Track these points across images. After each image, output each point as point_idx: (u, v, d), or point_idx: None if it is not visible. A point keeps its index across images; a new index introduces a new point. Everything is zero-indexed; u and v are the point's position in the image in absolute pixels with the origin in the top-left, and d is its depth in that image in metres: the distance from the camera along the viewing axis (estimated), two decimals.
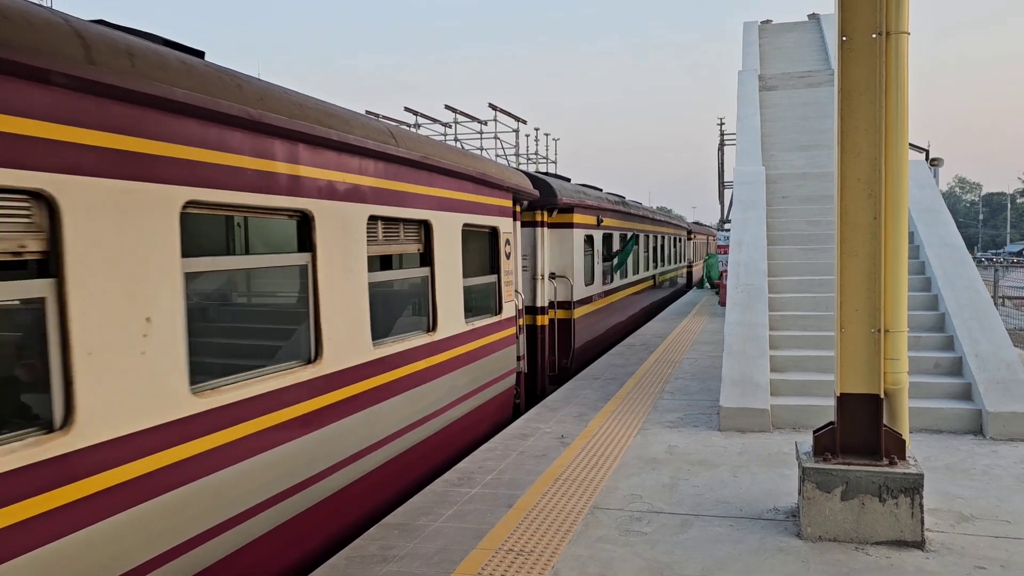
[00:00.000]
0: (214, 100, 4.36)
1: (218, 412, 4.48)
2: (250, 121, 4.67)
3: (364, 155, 6.08)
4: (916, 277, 10.32)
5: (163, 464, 4.02)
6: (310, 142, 5.38)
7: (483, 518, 5.73)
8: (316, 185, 5.47)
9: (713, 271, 28.43)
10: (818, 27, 25.36)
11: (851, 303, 5.37)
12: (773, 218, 12.58)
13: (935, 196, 12.13)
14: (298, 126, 5.15)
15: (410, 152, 6.71)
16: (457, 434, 7.93)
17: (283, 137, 5.10)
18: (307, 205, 5.34)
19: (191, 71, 4.35)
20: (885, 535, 5.14)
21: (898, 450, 5.30)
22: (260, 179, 4.88)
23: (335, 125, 5.67)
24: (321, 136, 5.42)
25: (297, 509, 5.21)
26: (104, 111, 3.73)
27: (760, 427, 8.09)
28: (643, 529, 5.48)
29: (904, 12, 5.25)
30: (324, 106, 5.77)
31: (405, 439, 6.70)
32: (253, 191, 4.81)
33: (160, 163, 4.06)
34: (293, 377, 5.15)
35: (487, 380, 8.76)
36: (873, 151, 5.28)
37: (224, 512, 4.49)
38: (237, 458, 4.61)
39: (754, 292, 10.00)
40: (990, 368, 8.21)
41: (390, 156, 6.39)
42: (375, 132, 6.32)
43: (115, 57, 3.77)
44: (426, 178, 7.17)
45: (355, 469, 5.91)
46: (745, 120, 17.19)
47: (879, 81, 5.25)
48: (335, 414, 5.62)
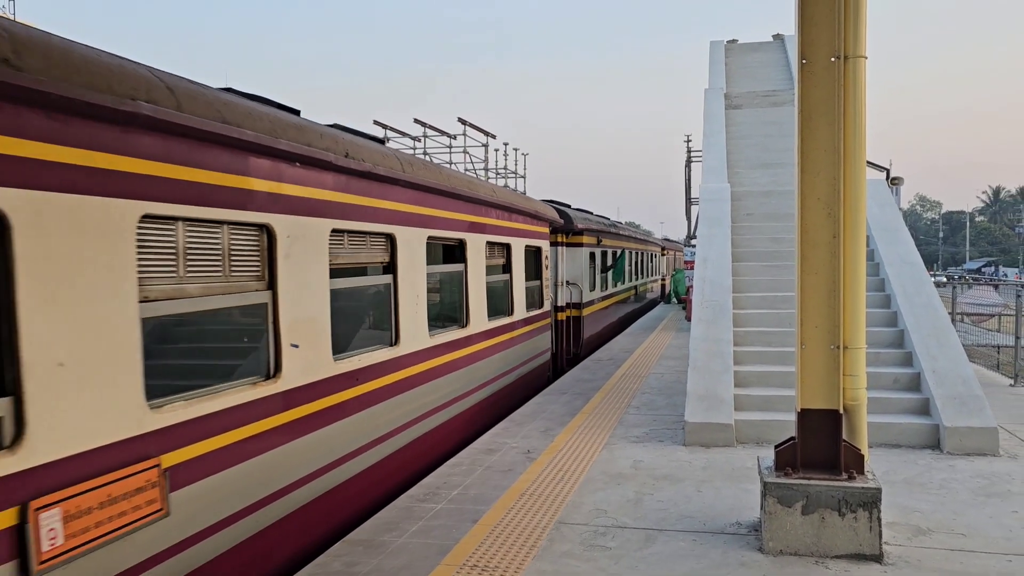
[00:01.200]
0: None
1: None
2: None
3: (484, 206, 10.10)
4: (876, 294, 10.53)
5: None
6: (465, 199, 8.99)
7: (448, 534, 5.72)
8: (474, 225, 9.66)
9: (680, 286, 28.69)
10: (782, 47, 25.85)
11: (811, 320, 5.47)
12: (738, 235, 12.76)
13: (895, 215, 12.39)
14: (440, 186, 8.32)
15: (505, 201, 10.83)
16: (520, 387, 11.81)
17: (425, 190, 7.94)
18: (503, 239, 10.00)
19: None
20: (844, 549, 5.22)
21: (857, 465, 5.40)
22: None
23: (477, 189, 9.53)
24: (470, 196, 9.28)
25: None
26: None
27: (724, 442, 8.18)
28: (608, 544, 5.51)
29: (862, 37, 5.39)
30: (455, 174, 9.21)
31: (500, 383, 10.62)
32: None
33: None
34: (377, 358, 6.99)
35: (538, 351, 12.91)
36: (832, 171, 5.40)
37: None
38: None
39: (719, 308, 10.13)
40: (947, 384, 8.38)
41: (497, 205, 10.50)
42: (490, 191, 10.33)
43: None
44: (507, 216, 11.19)
45: (460, 406, 9.00)
46: (711, 138, 17.43)
47: (838, 103, 5.37)
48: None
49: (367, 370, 6.75)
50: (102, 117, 3.88)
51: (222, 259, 4.97)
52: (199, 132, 4.57)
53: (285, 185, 5.56)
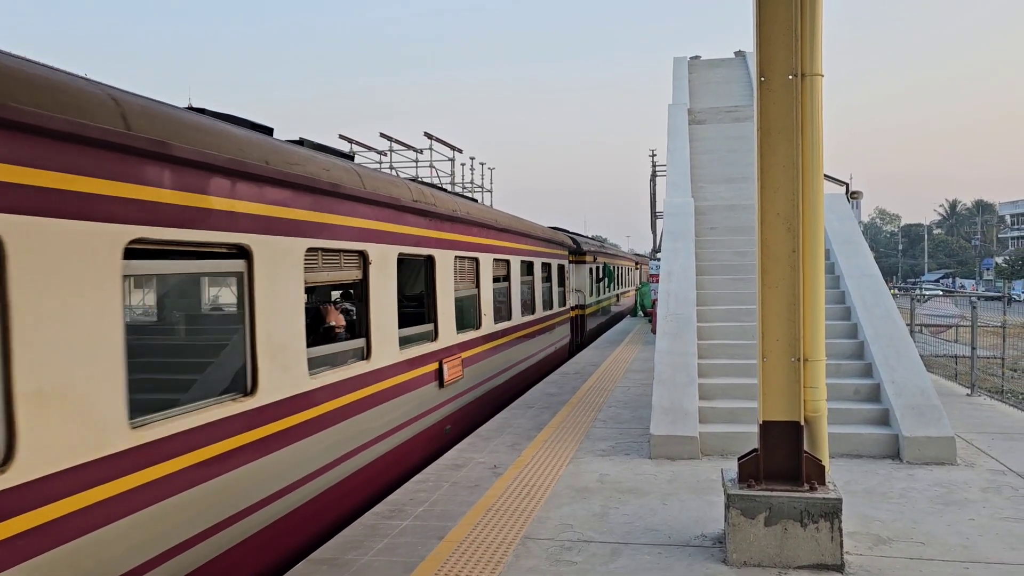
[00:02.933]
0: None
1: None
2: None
3: (541, 241, 15.69)
4: (837, 306, 10.70)
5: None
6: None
7: (414, 551, 5.68)
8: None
9: (646, 299, 28.90)
10: (744, 64, 26.24)
11: (772, 333, 5.55)
12: (702, 248, 12.91)
13: (854, 229, 12.62)
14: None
15: (549, 236, 16.64)
16: (549, 362, 16.46)
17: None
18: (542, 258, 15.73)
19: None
20: (807, 559, 5.28)
21: (818, 475, 5.47)
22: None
23: (535, 229, 15.13)
24: (505, 228, 13.05)
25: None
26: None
27: (690, 454, 8.24)
28: (573, 559, 5.51)
29: (818, 55, 5.51)
30: (523, 221, 14.90)
31: (550, 350, 16.09)
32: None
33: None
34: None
35: (561, 337, 18.11)
36: (791, 187, 5.50)
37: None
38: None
39: (683, 321, 10.22)
40: (906, 394, 8.54)
41: (545, 239, 15.97)
42: (543, 231, 15.45)
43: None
44: (549, 245, 16.92)
45: (529, 362, 14.44)
46: (675, 152, 17.62)
47: (796, 120, 5.48)
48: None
49: (500, 333, 12.45)
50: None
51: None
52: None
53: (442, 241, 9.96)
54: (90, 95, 4.19)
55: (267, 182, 5.79)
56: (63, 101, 3.93)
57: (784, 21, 5.48)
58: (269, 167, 5.77)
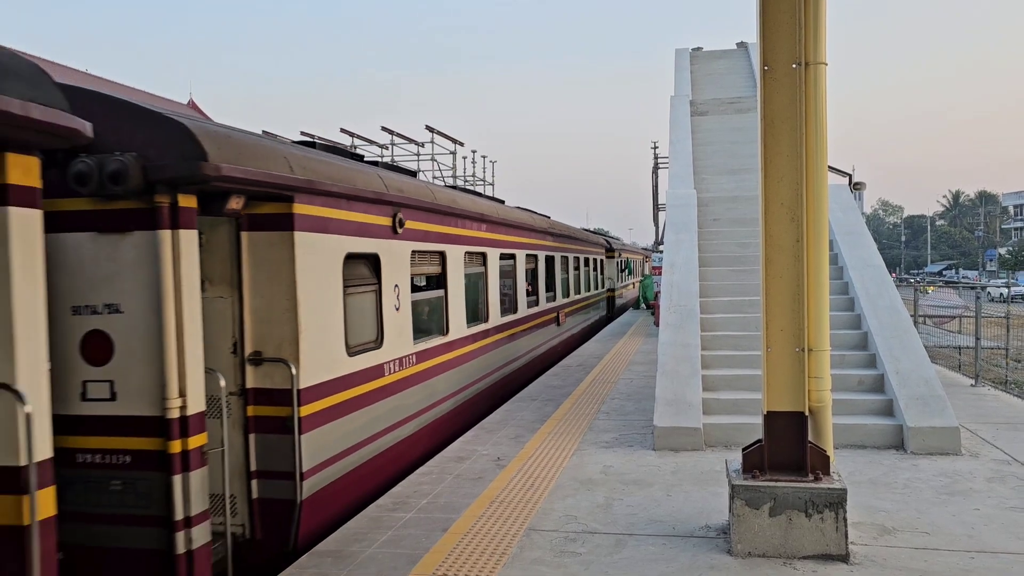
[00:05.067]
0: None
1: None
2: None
3: (589, 244, 22.87)
4: (840, 297, 10.68)
5: None
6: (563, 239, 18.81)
7: (418, 543, 5.68)
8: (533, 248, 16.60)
9: (648, 292, 28.90)
10: (746, 55, 26.17)
11: (776, 323, 5.53)
12: (705, 240, 12.88)
13: (858, 219, 12.59)
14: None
15: (595, 240, 25.09)
16: (596, 323, 23.61)
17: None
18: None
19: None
20: (812, 550, 5.27)
21: (823, 466, 5.46)
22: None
23: (590, 237, 24.25)
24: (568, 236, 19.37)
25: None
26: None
27: (693, 446, 8.23)
28: (578, 550, 5.51)
29: (822, 44, 5.48)
30: (583, 232, 23.80)
31: (588, 320, 22.10)
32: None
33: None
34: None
35: (601, 308, 25.07)
36: (795, 176, 5.48)
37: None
38: None
39: (686, 313, 10.20)
40: (910, 385, 8.52)
41: (592, 242, 23.86)
42: (593, 236, 26.18)
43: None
44: (595, 247, 24.31)
45: (585, 322, 21.66)
46: (677, 144, 17.59)
47: (800, 109, 5.45)
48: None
49: (572, 302, 19.17)
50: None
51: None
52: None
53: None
54: (364, 172, 7.42)
55: (426, 210, 8.78)
56: (337, 177, 6.69)
57: (788, 10, 5.45)
58: (431, 202, 8.92)
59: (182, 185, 4.88)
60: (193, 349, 4.94)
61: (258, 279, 5.85)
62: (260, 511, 5.79)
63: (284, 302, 5.86)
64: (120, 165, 4.63)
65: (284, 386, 5.82)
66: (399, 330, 7.84)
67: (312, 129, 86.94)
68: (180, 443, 4.82)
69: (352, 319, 6.86)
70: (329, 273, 6.42)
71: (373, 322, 7.37)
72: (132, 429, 4.87)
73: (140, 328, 4.84)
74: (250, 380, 5.83)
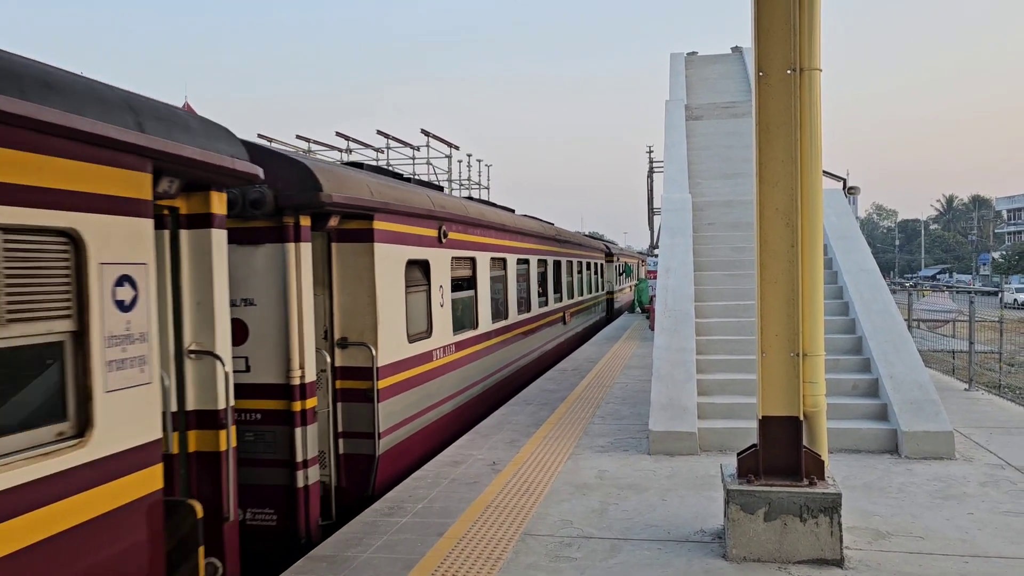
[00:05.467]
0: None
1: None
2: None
3: (580, 247, 22.29)
4: (835, 302, 10.71)
5: None
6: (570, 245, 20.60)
7: (413, 548, 5.67)
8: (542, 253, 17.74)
9: (643, 296, 28.94)
10: (741, 60, 26.25)
11: (771, 328, 5.54)
12: (700, 244, 12.90)
13: (852, 224, 12.63)
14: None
15: (597, 246, 27.29)
16: (595, 323, 25.00)
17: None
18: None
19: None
20: (807, 554, 5.28)
21: (817, 470, 5.47)
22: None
23: (594, 242, 26.89)
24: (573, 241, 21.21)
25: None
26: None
27: (688, 450, 8.24)
28: (573, 555, 5.51)
29: (816, 50, 5.50)
30: (585, 238, 26.23)
31: (597, 314, 25.80)
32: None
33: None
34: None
35: (600, 309, 26.67)
36: (790, 181, 5.49)
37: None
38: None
39: (681, 317, 10.22)
40: (904, 389, 8.55)
41: (587, 246, 23.86)
42: (585, 240, 24.69)
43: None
44: (596, 252, 26.17)
45: (588, 321, 23.64)
46: (672, 149, 17.62)
47: (794, 115, 5.47)
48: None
49: (576, 303, 20.56)
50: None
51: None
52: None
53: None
54: (417, 193, 9.03)
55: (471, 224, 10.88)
56: (401, 198, 8.25)
57: (782, 16, 5.47)
58: (478, 218, 11.25)
59: (303, 209, 6.50)
60: (308, 333, 6.52)
61: (345, 280, 7.43)
62: (346, 464, 7.32)
63: (366, 298, 7.43)
64: (259, 195, 6.16)
65: (366, 364, 7.39)
66: (443, 323, 9.45)
67: (305, 132, 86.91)
68: (300, 404, 6.44)
69: (411, 313, 8.41)
70: (396, 276, 7.99)
71: (425, 316, 8.94)
72: (262, 393, 6.46)
73: (269, 317, 6.46)
74: (338, 360, 7.38)
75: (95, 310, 3.77)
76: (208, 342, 4.89)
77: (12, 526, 3.21)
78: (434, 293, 9.19)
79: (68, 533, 3.52)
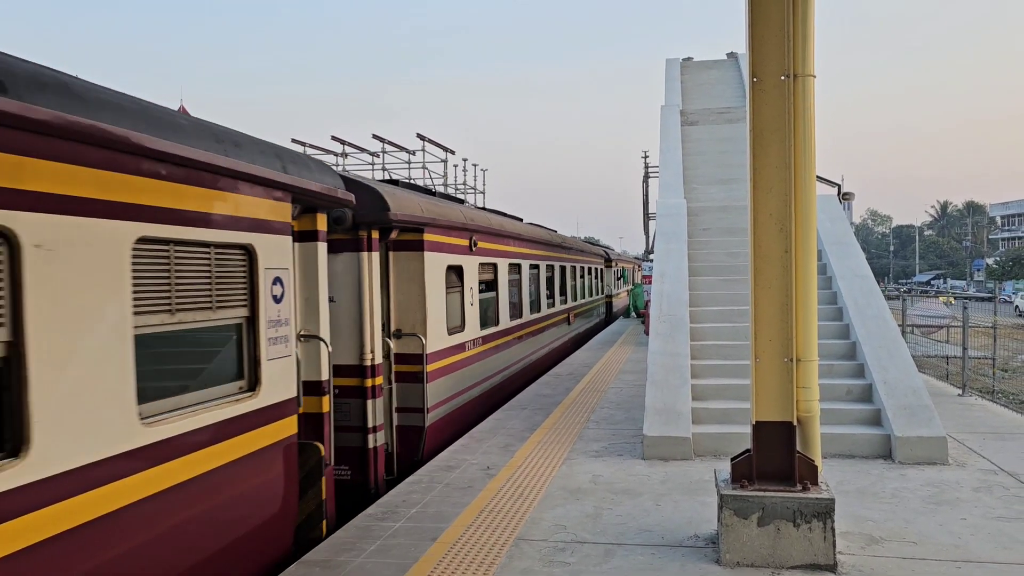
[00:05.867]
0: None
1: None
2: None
3: (582, 253, 23.42)
4: (829, 307, 10.73)
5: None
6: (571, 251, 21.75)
7: (407, 552, 5.67)
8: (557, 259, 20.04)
9: (639, 300, 28.98)
10: (736, 65, 26.34)
11: (765, 334, 5.55)
12: (695, 250, 12.93)
13: (846, 230, 12.66)
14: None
15: (595, 251, 27.91)
16: (596, 324, 26.61)
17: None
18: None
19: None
20: (800, 559, 5.28)
21: (811, 476, 5.48)
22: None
23: (593, 248, 28.81)
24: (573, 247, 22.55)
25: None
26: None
27: (682, 455, 8.24)
28: (567, 560, 5.50)
29: (810, 56, 5.52)
30: (586, 244, 28.60)
31: (590, 322, 25.34)
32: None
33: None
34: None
35: (599, 311, 28.25)
36: (784, 187, 5.51)
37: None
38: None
39: (676, 322, 10.23)
40: (898, 394, 8.56)
41: (588, 252, 25.21)
42: (586, 247, 26.52)
43: None
44: (595, 258, 26.88)
45: (588, 323, 25.05)
46: (667, 154, 17.67)
47: (788, 121, 5.49)
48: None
49: (571, 309, 20.67)
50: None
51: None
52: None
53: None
54: (453, 208, 10.86)
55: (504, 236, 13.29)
56: (443, 214, 9.94)
57: (776, 22, 5.50)
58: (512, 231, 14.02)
59: (374, 225, 8.17)
60: (376, 325, 8.29)
61: (400, 282, 9.07)
62: (400, 433, 8.94)
63: (416, 297, 9.06)
64: (341, 214, 7.23)
65: (417, 352, 9.01)
66: (473, 319, 11.11)
67: (301, 135, 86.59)
68: (371, 381, 8.19)
69: (449, 310, 9.98)
70: (439, 279, 9.58)
71: (459, 313, 10.54)
72: (341, 373, 7.89)
73: (348, 311, 8.13)
74: (394, 348, 8.99)
75: (261, 301, 5.35)
76: (314, 328, 6.49)
77: (220, 448, 4.82)
78: (466, 294, 10.85)
79: (246, 459, 5.09)
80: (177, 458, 4.42)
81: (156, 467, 4.25)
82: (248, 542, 5.16)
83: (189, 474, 4.52)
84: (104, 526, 3.86)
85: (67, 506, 3.65)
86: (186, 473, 4.49)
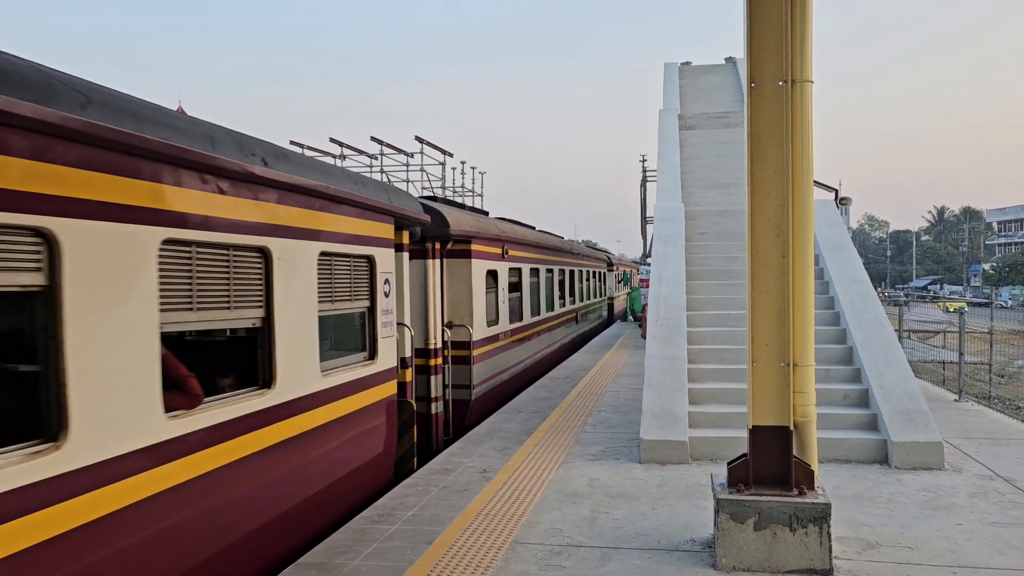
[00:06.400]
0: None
1: None
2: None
3: (587, 258, 26.07)
4: (826, 312, 10.74)
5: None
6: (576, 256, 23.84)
7: (403, 556, 5.66)
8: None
9: (636, 304, 29.00)
10: (735, 70, 26.34)
11: (762, 338, 5.56)
12: (692, 253, 12.94)
13: (843, 234, 12.68)
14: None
15: (599, 255, 30.96)
16: (599, 323, 29.37)
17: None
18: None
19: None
20: (796, 564, 5.28)
21: (807, 480, 5.48)
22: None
23: (597, 253, 31.96)
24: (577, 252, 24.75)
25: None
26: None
27: (679, 459, 8.24)
28: (563, 563, 5.50)
29: (807, 62, 5.54)
30: (589, 249, 30.72)
31: (594, 321, 27.92)
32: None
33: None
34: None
35: (602, 311, 31.18)
36: (781, 192, 5.52)
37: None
38: None
39: (673, 326, 10.23)
40: (894, 399, 8.57)
41: (597, 258, 29.53)
42: (591, 252, 29.27)
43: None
44: (598, 262, 29.88)
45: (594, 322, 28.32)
46: (665, 158, 17.68)
47: (786, 126, 5.50)
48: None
49: (578, 309, 23.07)
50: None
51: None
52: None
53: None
54: (490, 222, 13.76)
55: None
56: (484, 227, 12.67)
57: (775, 28, 5.51)
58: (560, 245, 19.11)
59: (437, 239, 10.51)
60: (437, 316, 10.50)
61: (452, 283, 11.36)
62: (451, 406, 10.94)
63: (465, 295, 11.42)
64: (415, 229, 9.08)
65: (465, 339, 11.31)
66: (504, 315, 13.34)
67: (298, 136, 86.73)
68: (434, 360, 10.47)
69: (488, 306, 12.28)
70: (481, 280, 11.89)
71: (495, 309, 12.77)
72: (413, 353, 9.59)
73: (417, 305, 10.13)
74: (448, 336, 10.97)
75: (378, 296, 7.47)
76: (401, 317, 8.42)
77: (355, 399, 6.92)
78: (500, 293, 13.11)
79: (367, 409, 7.16)
80: (339, 399, 6.61)
81: (328, 404, 6.42)
82: (366, 470, 7.23)
83: (343, 412, 6.71)
84: (285, 448, 5.81)
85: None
86: (342, 411, 6.68)
